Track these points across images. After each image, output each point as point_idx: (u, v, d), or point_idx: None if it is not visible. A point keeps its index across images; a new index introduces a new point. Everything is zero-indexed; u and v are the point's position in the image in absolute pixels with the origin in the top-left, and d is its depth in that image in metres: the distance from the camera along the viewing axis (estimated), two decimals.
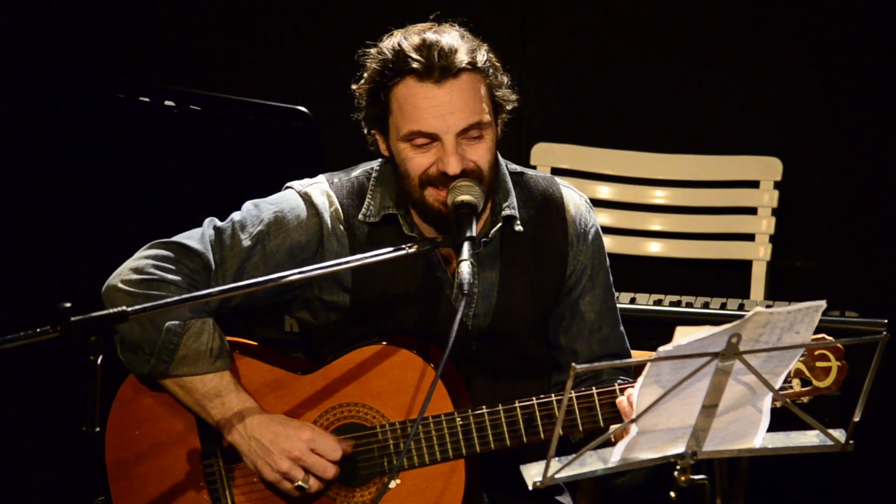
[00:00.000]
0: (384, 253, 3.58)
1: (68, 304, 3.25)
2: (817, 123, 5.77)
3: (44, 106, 5.76)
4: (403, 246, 3.58)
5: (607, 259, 3.89)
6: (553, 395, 3.66)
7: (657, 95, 5.87)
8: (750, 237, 5.69)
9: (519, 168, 3.86)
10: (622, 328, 3.90)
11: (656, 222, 5.77)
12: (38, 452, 5.87)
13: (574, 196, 3.87)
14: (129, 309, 3.34)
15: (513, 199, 3.79)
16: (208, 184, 4.84)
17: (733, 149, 5.74)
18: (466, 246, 3.56)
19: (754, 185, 5.70)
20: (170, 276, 3.66)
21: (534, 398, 3.65)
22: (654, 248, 5.77)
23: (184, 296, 3.50)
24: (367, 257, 3.58)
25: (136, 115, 4.83)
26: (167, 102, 4.78)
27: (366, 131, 3.76)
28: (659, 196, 5.78)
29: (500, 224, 3.77)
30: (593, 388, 3.65)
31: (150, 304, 3.43)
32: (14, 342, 3.25)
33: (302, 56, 6.01)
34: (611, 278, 3.89)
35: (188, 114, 4.78)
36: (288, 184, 3.83)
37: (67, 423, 5.83)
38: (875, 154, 5.74)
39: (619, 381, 3.72)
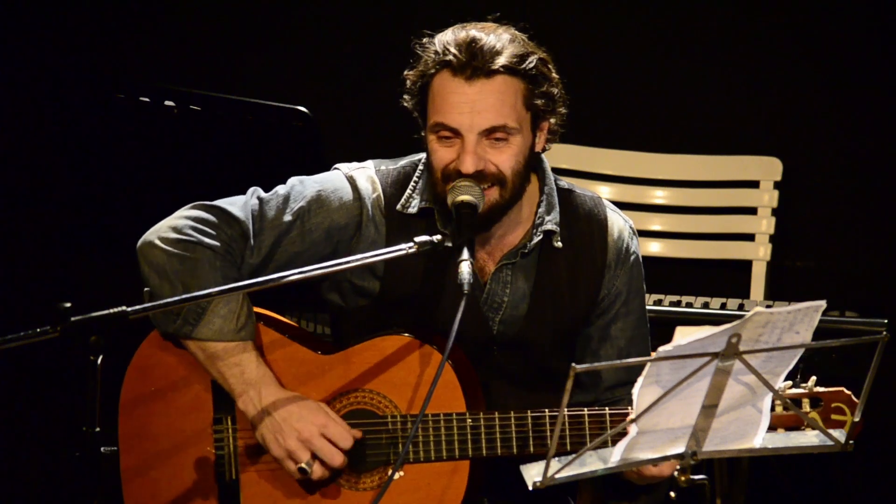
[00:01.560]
0: (384, 253, 3.56)
1: (68, 304, 3.25)
2: (817, 123, 5.77)
3: (44, 106, 5.76)
4: (403, 245, 3.58)
5: (644, 287, 3.88)
6: (566, 410, 3.64)
7: (657, 95, 5.87)
8: (750, 237, 5.69)
9: (568, 185, 3.86)
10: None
11: (656, 222, 5.77)
12: (38, 452, 5.87)
13: (619, 220, 3.86)
14: (130, 309, 3.34)
15: (556, 215, 3.78)
16: (208, 184, 4.84)
17: (733, 149, 5.75)
18: (465, 246, 3.56)
19: (754, 185, 5.70)
20: (207, 241, 3.67)
21: (546, 410, 3.65)
22: (654, 248, 5.77)
23: (185, 296, 3.49)
24: (367, 257, 3.57)
25: (136, 115, 4.83)
26: (167, 102, 4.78)
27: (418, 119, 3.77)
28: (659, 196, 5.78)
29: (540, 237, 3.77)
30: (606, 407, 3.65)
31: (150, 304, 3.43)
32: (14, 342, 3.25)
33: (302, 56, 6.01)
34: (646, 306, 3.88)
35: (188, 114, 4.78)
36: (336, 165, 3.84)
37: (67, 423, 5.82)
38: (875, 154, 5.74)
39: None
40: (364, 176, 3.80)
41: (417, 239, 3.57)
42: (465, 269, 3.52)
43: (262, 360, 3.70)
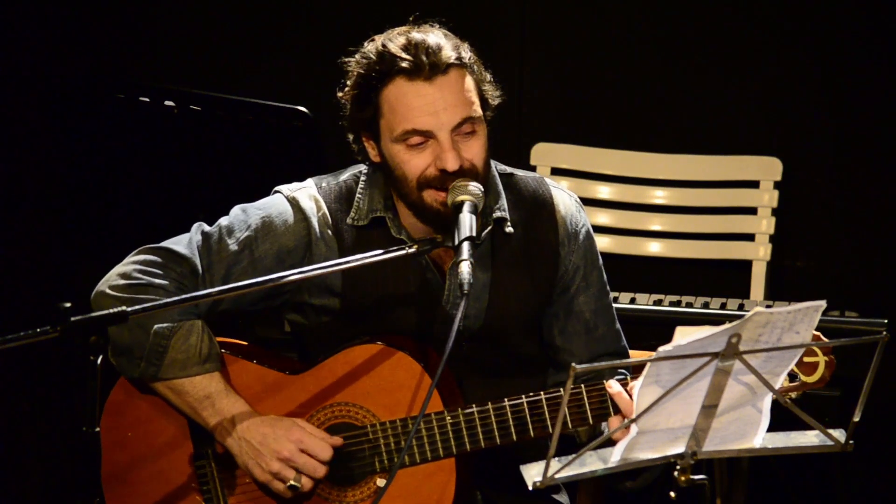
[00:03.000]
0: (384, 253, 3.57)
1: (68, 304, 3.25)
2: (817, 123, 5.77)
3: (44, 106, 5.76)
4: (404, 246, 3.58)
5: (600, 258, 3.89)
6: (542, 393, 3.65)
7: (657, 95, 5.87)
8: (750, 237, 5.69)
9: (508, 169, 3.86)
10: (618, 325, 3.89)
11: (656, 222, 5.77)
12: (38, 452, 5.87)
13: (564, 196, 3.87)
14: (129, 309, 3.34)
15: (503, 201, 3.78)
16: (208, 184, 4.84)
17: (733, 149, 5.75)
18: (466, 245, 3.55)
19: (754, 185, 5.70)
20: (157, 281, 3.66)
21: (523, 396, 3.64)
22: (654, 248, 5.77)
23: (178, 297, 3.49)
24: (367, 257, 3.57)
25: (136, 115, 4.83)
26: (167, 102, 4.78)
27: (351, 138, 3.76)
28: (659, 196, 5.78)
29: (490, 226, 3.77)
30: (582, 385, 3.65)
31: (149, 305, 3.43)
32: (14, 342, 3.25)
33: (302, 56, 6.01)
34: (604, 276, 3.89)
35: (188, 114, 4.78)
36: (276, 188, 3.82)
37: (67, 423, 5.83)
38: (875, 154, 5.74)
39: (618, 377, 3.73)
40: (306, 195, 3.78)
41: (418, 239, 3.58)
42: (464, 268, 3.51)
43: (232, 389, 3.69)
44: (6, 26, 5.90)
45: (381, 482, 3.66)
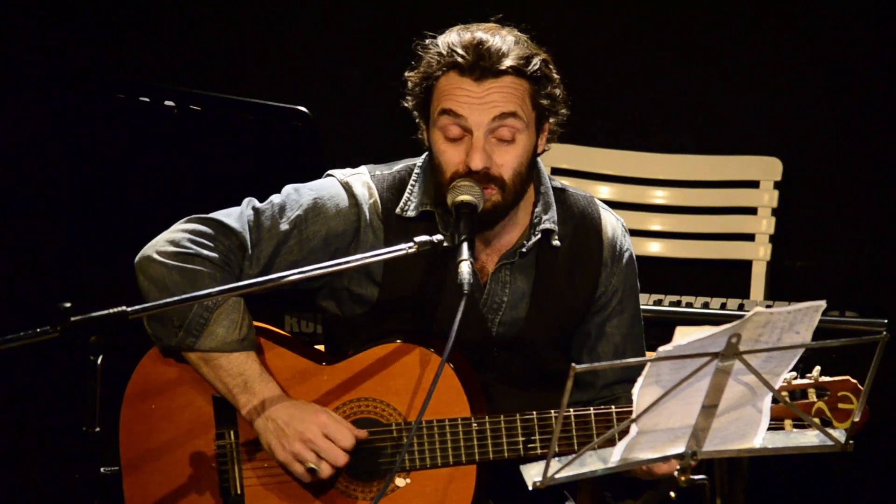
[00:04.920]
0: (383, 253, 3.56)
1: (68, 304, 3.25)
2: (817, 123, 5.77)
3: (44, 106, 5.76)
4: (402, 245, 3.58)
5: (638, 284, 3.89)
6: (572, 409, 3.65)
7: (657, 95, 5.87)
8: (750, 237, 5.69)
9: (560, 184, 3.87)
10: (646, 353, 3.89)
11: (656, 222, 5.77)
12: (39, 452, 5.87)
13: (612, 219, 3.88)
14: (129, 309, 3.34)
15: (553, 214, 3.79)
16: (208, 184, 4.84)
17: (733, 149, 5.75)
18: (465, 246, 3.55)
19: (754, 185, 5.70)
20: (205, 252, 3.67)
21: (552, 411, 3.65)
22: (654, 248, 5.77)
23: (181, 297, 3.49)
24: (366, 257, 3.57)
25: (136, 115, 4.83)
26: (167, 102, 4.78)
27: (418, 121, 3.77)
28: (659, 196, 5.78)
29: (538, 236, 3.77)
30: (612, 406, 3.66)
31: (150, 304, 3.43)
32: (14, 342, 3.25)
33: (302, 56, 6.01)
34: (640, 304, 3.89)
35: (188, 114, 4.78)
36: (329, 171, 3.83)
37: (67, 423, 5.83)
38: (875, 154, 5.74)
39: None
40: (360, 182, 3.79)
41: (417, 239, 3.56)
42: (464, 268, 3.52)
43: (265, 370, 3.70)
44: (6, 26, 5.90)
45: (400, 482, 3.66)
